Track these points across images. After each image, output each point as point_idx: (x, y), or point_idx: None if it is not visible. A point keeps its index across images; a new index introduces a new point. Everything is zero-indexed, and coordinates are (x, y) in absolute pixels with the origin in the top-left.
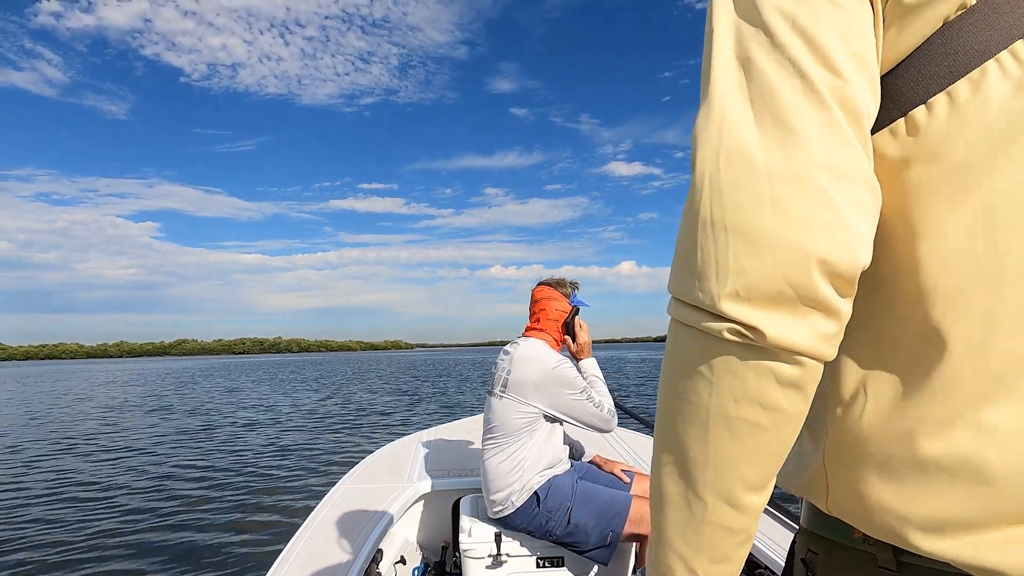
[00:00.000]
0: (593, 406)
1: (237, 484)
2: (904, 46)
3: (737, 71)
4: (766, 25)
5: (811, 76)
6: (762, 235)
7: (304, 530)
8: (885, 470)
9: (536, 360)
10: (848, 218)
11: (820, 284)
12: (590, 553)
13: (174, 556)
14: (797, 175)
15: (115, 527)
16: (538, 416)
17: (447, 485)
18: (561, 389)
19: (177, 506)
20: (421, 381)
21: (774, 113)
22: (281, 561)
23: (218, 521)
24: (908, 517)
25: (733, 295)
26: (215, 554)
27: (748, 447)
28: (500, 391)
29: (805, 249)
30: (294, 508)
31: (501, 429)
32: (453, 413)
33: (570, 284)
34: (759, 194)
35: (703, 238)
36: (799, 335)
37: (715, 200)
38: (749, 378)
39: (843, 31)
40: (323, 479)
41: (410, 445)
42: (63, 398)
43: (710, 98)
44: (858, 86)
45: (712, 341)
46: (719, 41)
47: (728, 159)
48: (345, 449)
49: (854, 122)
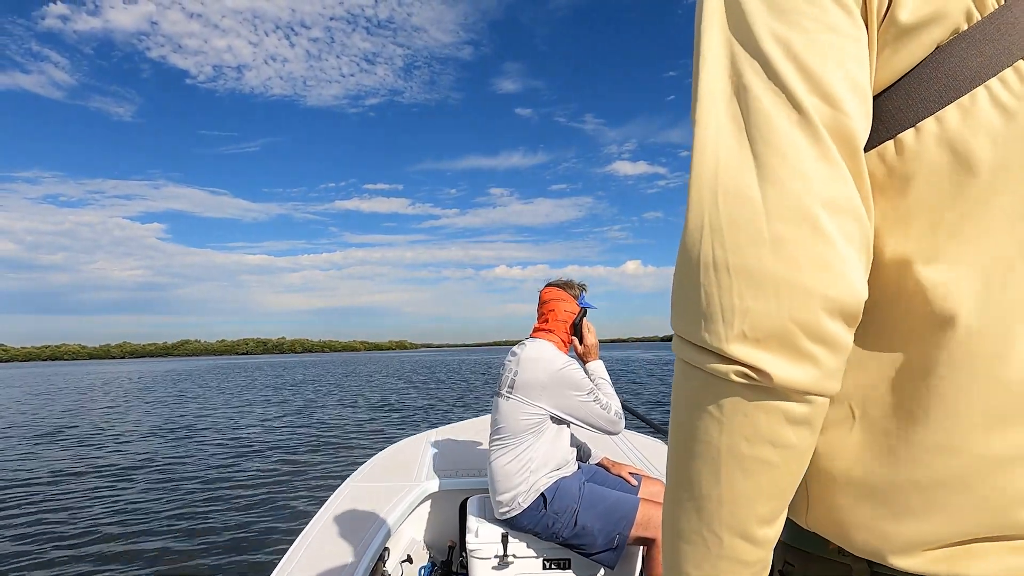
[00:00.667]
0: (600, 408)
1: (243, 483)
2: (897, 68)
3: (730, 101)
4: (760, 51)
5: (806, 107)
6: (765, 275)
7: (310, 529)
8: (867, 491)
9: (543, 361)
10: (847, 253)
11: (826, 322)
12: (597, 555)
13: (180, 554)
14: (795, 212)
15: (115, 526)
16: (545, 417)
17: (454, 485)
18: (568, 391)
19: (182, 505)
20: (423, 383)
21: (770, 147)
22: (288, 559)
23: (225, 520)
24: (888, 537)
25: (740, 337)
26: (222, 552)
27: (761, 484)
28: (507, 392)
29: (808, 288)
30: (301, 506)
31: (508, 430)
32: (451, 414)
33: (578, 285)
34: (758, 233)
35: (705, 279)
36: (807, 376)
37: (716, 241)
38: (759, 418)
39: (839, 57)
40: (330, 478)
41: (418, 444)
42: (56, 400)
43: (702, 130)
44: (854, 116)
45: (720, 383)
46: (710, 66)
47: (725, 198)
48: (352, 448)
49: (848, 154)
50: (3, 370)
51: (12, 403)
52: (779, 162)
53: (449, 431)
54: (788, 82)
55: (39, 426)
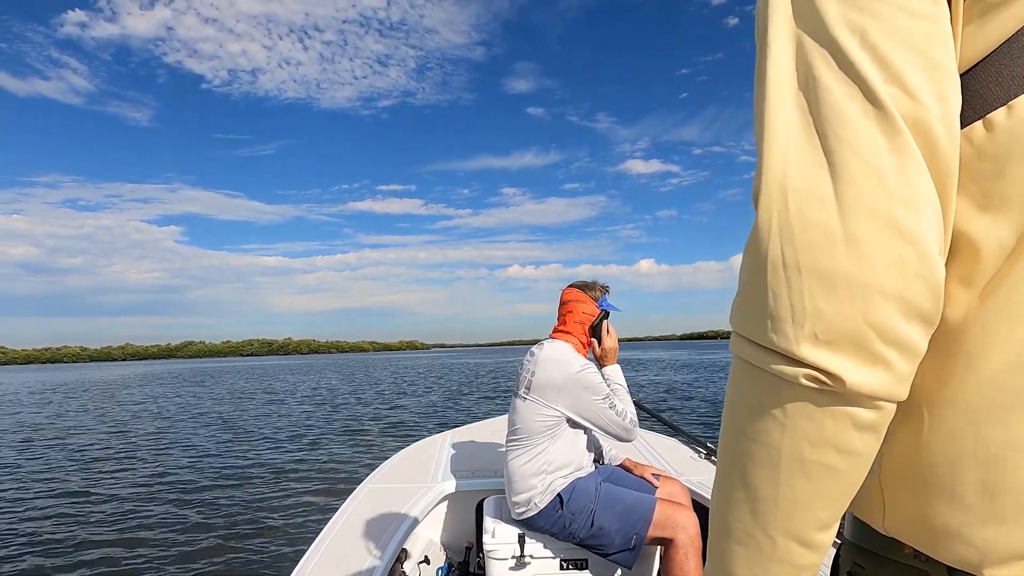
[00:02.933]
0: (615, 413)
1: (261, 484)
2: (983, 45)
3: (798, 93)
4: (832, 39)
5: (882, 98)
6: (838, 276)
7: (329, 529)
8: (951, 495)
9: (560, 363)
10: (926, 252)
11: (901, 324)
12: (614, 556)
13: (199, 554)
14: (870, 210)
15: (138, 527)
16: (561, 419)
17: (471, 486)
18: (584, 393)
19: (202, 505)
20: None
21: (843, 142)
22: (307, 560)
23: (243, 520)
24: (982, 546)
25: (811, 338)
26: (241, 552)
27: (822, 489)
28: (524, 392)
29: (884, 289)
30: (319, 507)
31: (524, 431)
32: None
33: (601, 287)
34: (832, 232)
35: (774, 280)
36: (880, 381)
37: (786, 240)
38: (825, 423)
39: (919, 42)
40: (348, 479)
41: (435, 445)
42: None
43: (770, 125)
44: (932, 106)
45: (786, 384)
46: (777, 56)
47: (796, 196)
48: (370, 449)
49: (927, 146)
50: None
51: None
52: (852, 157)
53: (466, 432)
54: (862, 72)
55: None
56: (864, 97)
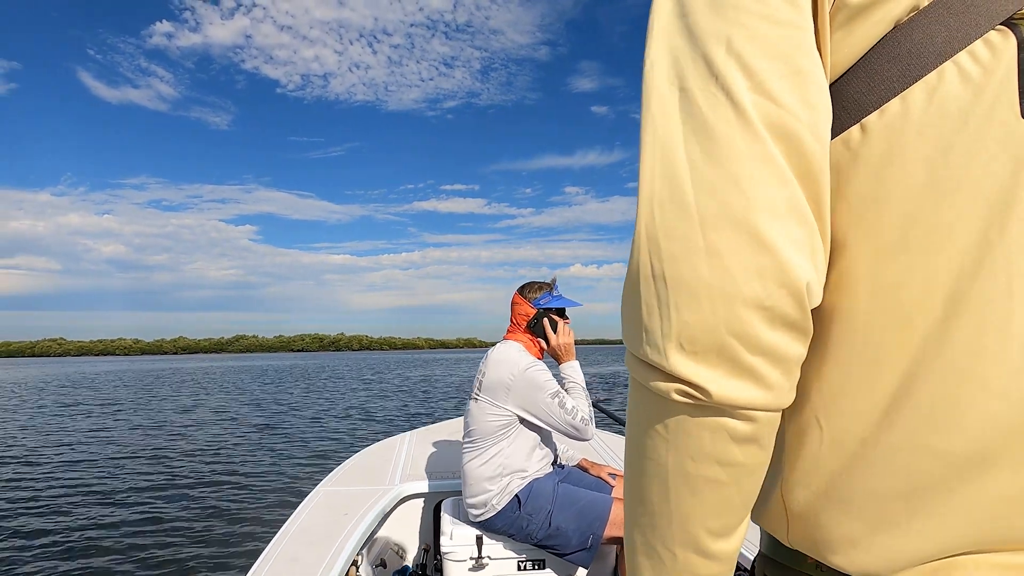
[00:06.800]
0: (565, 412)
1: (213, 488)
2: (853, 51)
3: (672, 102)
4: (701, 49)
5: (746, 106)
6: (699, 286)
7: (282, 535)
8: (844, 503)
9: (507, 363)
10: (786, 260)
11: (766, 332)
12: (571, 556)
13: (150, 561)
14: (730, 219)
15: (91, 532)
16: (512, 419)
17: (429, 488)
18: (531, 391)
19: (152, 511)
20: None
21: (706, 151)
22: (259, 566)
23: (194, 526)
24: (880, 553)
25: (679, 350)
26: (192, 559)
27: (709, 502)
28: (476, 393)
29: (746, 298)
30: (273, 512)
31: (479, 432)
32: None
33: (540, 286)
34: (693, 243)
35: (645, 290)
36: (747, 391)
37: (653, 251)
38: (703, 437)
39: (783, 49)
40: (303, 482)
41: (392, 447)
42: None
43: (645, 136)
44: (799, 112)
45: (664, 401)
46: (655, 67)
47: (661, 207)
48: (326, 451)
49: (789, 152)
50: (60, 367)
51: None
52: (714, 167)
53: (424, 433)
54: (728, 80)
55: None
56: (728, 105)
